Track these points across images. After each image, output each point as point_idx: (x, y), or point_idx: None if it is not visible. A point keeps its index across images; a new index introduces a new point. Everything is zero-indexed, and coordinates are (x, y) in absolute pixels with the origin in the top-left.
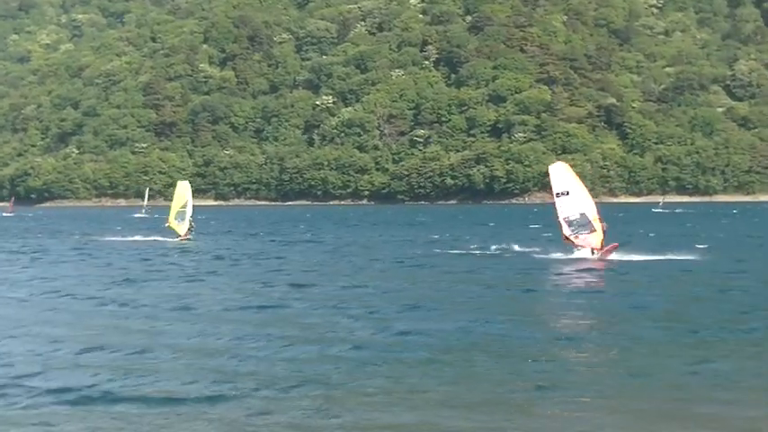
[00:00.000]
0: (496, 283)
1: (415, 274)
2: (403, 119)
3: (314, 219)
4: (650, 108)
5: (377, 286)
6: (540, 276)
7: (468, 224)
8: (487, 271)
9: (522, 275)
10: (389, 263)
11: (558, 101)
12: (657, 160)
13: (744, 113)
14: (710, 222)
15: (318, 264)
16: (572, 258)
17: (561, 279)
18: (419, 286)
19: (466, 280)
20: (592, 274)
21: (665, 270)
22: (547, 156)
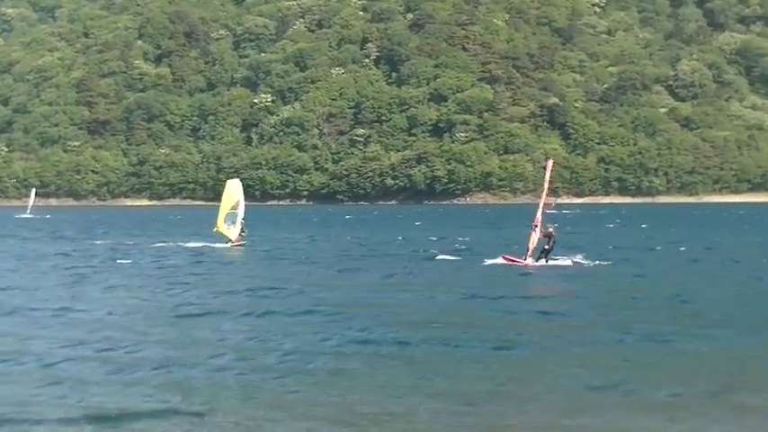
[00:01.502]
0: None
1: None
2: (343, 118)
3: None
4: (593, 108)
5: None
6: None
7: (399, 224)
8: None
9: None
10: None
11: (500, 100)
12: (600, 161)
13: (686, 114)
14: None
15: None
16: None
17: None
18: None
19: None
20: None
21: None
22: (489, 156)
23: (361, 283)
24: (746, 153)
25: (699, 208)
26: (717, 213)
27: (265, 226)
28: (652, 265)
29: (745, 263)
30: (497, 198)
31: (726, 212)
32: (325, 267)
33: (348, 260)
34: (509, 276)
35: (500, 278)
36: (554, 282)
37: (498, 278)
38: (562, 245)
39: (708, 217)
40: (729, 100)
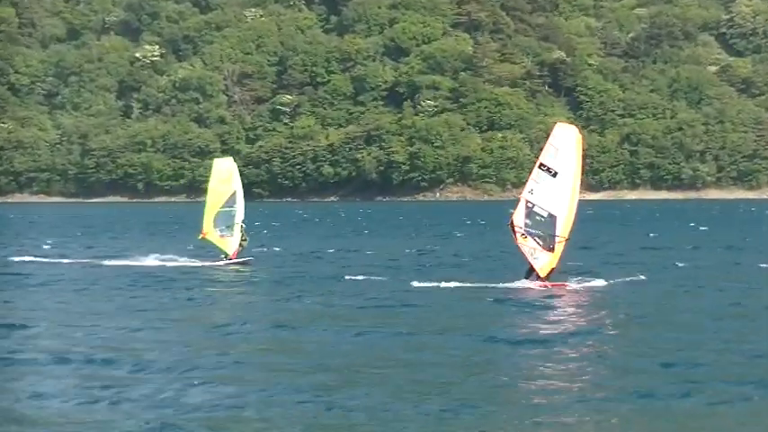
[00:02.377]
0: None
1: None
2: (261, 79)
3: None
4: (614, 66)
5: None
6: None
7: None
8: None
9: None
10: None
11: (483, 55)
12: (624, 140)
13: (745, 74)
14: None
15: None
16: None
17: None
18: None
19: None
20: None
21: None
22: (466, 133)
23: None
24: None
25: (763, 206)
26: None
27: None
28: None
29: None
30: (479, 192)
31: None
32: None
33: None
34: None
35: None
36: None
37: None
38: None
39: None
40: None
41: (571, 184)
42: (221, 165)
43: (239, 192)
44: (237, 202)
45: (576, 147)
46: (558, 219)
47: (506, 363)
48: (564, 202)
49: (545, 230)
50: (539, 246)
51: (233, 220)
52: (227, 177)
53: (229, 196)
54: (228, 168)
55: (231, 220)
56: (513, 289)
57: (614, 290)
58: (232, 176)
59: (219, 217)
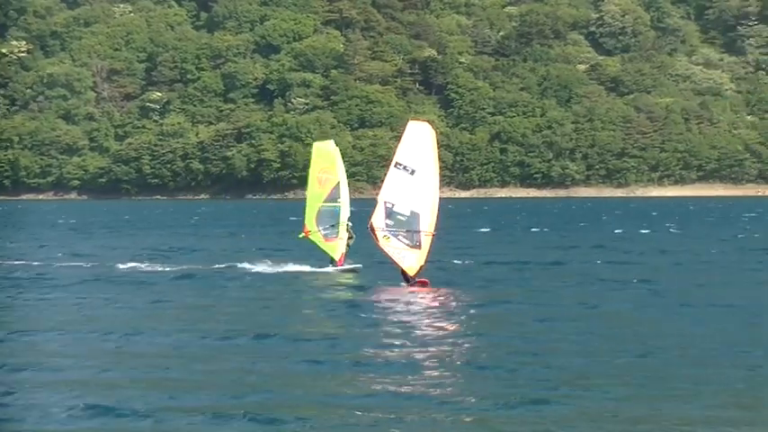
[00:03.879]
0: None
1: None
2: (130, 76)
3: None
4: (485, 64)
5: None
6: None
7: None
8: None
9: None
10: None
11: (354, 53)
12: (494, 138)
13: (614, 73)
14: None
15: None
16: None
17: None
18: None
19: None
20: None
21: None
22: (338, 131)
23: None
24: (696, 128)
25: (631, 204)
26: (666, 211)
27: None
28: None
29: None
30: (351, 190)
31: (671, 208)
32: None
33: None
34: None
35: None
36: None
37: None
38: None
39: (659, 218)
40: (674, 54)
41: (431, 180)
42: (323, 149)
43: (344, 183)
44: (342, 196)
45: (431, 142)
46: (422, 215)
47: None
48: (426, 198)
49: (409, 228)
50: (404, 245)
51: (338, 218)
52: (330, 165)
53: (332, 188)
54: (331, 153)
55: (336, 218)
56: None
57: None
58: (336, 164)
59: (322, 214)
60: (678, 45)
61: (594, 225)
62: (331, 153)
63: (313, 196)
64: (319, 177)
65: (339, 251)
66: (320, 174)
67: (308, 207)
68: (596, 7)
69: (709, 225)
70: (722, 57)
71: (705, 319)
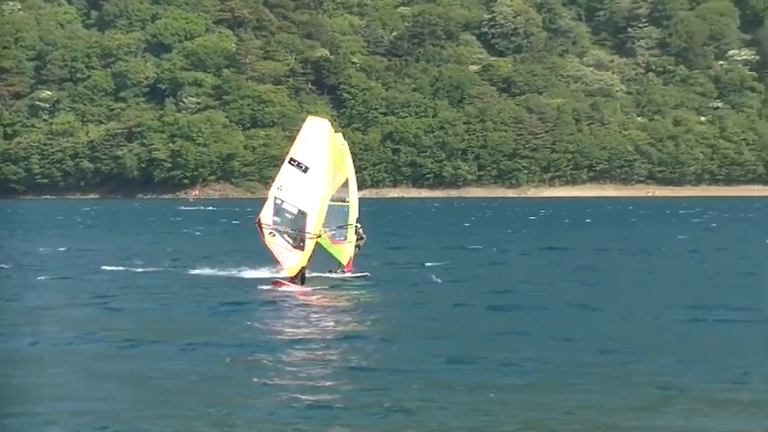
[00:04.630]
0: None
1: None
2: (19, 74)
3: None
4: (377, 64)
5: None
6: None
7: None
8: None
9: None
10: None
11: (246, 52)
12: (386, 138)
13: (506, 73)
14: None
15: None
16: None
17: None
18: None
19: None
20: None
21: None
22: (230, 131)
23: None
24: (587, 129)
25: (523, 205)
26: (557, 211)
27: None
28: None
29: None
30: (242, 190)
31: (566, 210)
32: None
33: None
34: None
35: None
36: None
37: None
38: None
39: (550, 220)
40: (565, 55)
41: (323, 180)
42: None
43: (353, 180)
44: (351, 194)
45: (327, 140)
46: (309, 216)
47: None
48: (315, 198)
49: (294, 228)
50: (288, 244)
51: (346, 218)
52: (339, 160)
53: (341, 186)
54: (339, 148)
55: (344, 218)
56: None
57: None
58: (344, 159)
59: (329, 214)
60: (569, 46)
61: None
62: (339, 148)
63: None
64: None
65: (347, 255)
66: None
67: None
68: (488, 8)
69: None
70: (613, 58)
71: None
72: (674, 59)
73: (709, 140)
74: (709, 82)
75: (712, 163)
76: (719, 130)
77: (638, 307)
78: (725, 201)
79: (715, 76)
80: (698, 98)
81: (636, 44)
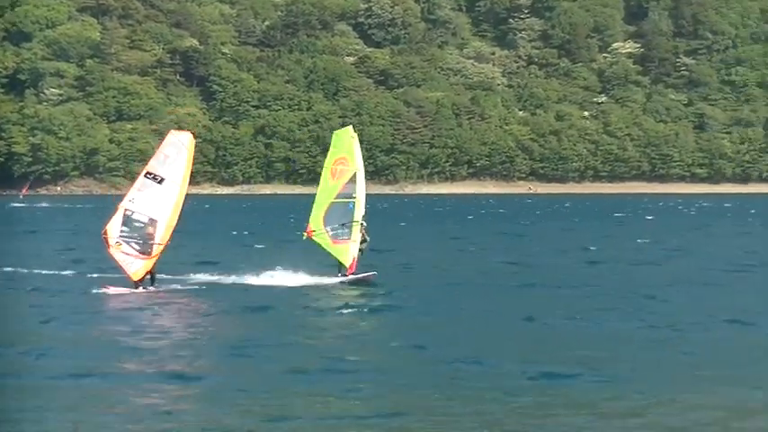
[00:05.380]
0: None
1: None
2: None
3: None
4: (249, 55)
5: None
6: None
7: None
8: None
9: None
10: None
11: (111, 42)
12: (259, 132)
13: (383, 65)
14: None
15: None
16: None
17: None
18: None
19: None
20: None
21: None
22: (94, 124)
23: None
24: (467, 123)
25: (401, 202)
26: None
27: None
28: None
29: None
30: (107, 186)
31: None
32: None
33: None
34: None
35: None
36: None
37: None
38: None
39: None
40: (445, 47)
41: (178, 191)
42: (341, 136)
43: (361, 176)
44: (358, 191)
45: (188, 153)
46: (159, 223)
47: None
48: (167, 207)
49: (143, 235)
50: (135, 251)
51: (351, 216)
52: (348, 154)
53: (347, 181)
54: (349, 141)
55: (349, 215)
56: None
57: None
58: (353, 153)
59: (332, 211)
60: (449, 38)
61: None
62: (348, 141)
63: (324, 191)
64: (333, 169)
65: (350, 256)
66: (335, 165)
67: (316, 203)
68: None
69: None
70: (494, 50)
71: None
72: (557, 52)
73: (592, 136)
74: (592, 75)
75: (596, 159)
76: (603, 125)
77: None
78: (609, 198)
79: (599, 69)
80: (581, 92)
81: (517, 36)
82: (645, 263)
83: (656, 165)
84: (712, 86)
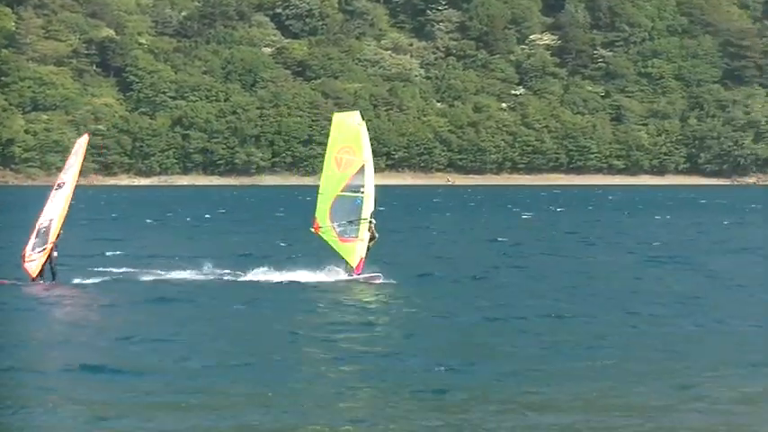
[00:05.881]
0: None
1: None
2: None
3: None
4: (165, 46)
5: None
6: None
7: None
8: None
9: None
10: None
11: (26, 32)
12: (176, 123)
13: (301, 56)
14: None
15: None
16: None
17: None
18: None
19: None
20: None
21: None
22: (9, 114)
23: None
24: (385, 115)
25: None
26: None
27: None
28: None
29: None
30: (23, 177)
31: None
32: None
33: None
34: None
35: None
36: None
37: None
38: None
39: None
40: (362, 38)
41: (68, 190)
42: (345, 123)
43: (369, 168)
44: (367, 185)
45: (82, 150)
46: (53, 221)
47: None
48: (59, 207)
49: (44, 236)
50: (38, 253)
51: (359, 212)
52: (354, 143)
53: (355, 173)
54: (355, 129)
55: (356, 212)
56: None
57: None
58: (361, 142)
59: (338, 205)
60: (367, 29)
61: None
62: (355, 128)
63: (329, 181)
64: (338, 158)
65: (357, 255)
66: (339, 154)
67: (321, 194)
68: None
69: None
70: (411, 41)
71: None
72: (475, 44)
73: (510, 128)
74: (510, 67)
75: (513, 151)
76: (521, 116)
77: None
78: (526, 189)
79: (516, 61)
80: (499, 84)
81: (435, 28)
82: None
83: (573, 156)
84: (629, 78)
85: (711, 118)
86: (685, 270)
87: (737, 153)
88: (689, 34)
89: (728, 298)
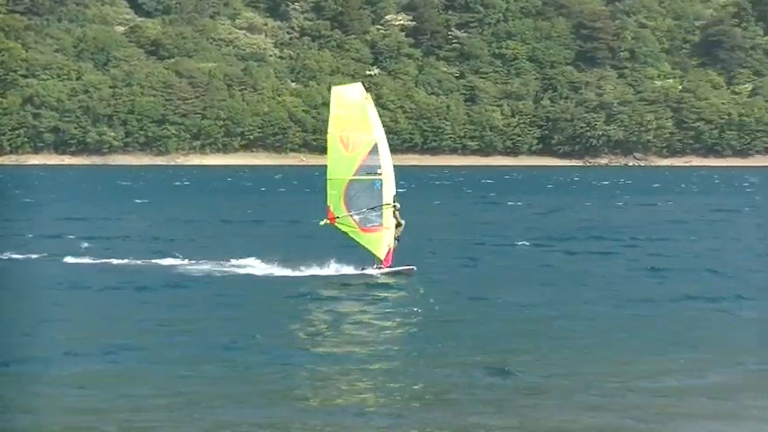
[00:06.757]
0: None
1: None
2: None
3: None
4: (17, 23)
5: None
6: None
7: None
8: None
9: None
10: None
11: None
12: (27, 102)
13: (154, 35)
14: None
15: None
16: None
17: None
18: None
19: None
20: None
21: None
22: None
23: None
24: (239, 95)
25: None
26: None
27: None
28: None
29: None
30: None
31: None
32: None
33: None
34: None
35: None
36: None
37: None
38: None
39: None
40: (216, 17)
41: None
42: (344, 96)
43: (384, 146)
44: (384, 166)
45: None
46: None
47: None
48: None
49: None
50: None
51: (379, 197)
52: (360, 119)
53: (367, 154)
54: (359, 103)
55: (377, 197)
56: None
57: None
58: (368, 118)
59: (354, 190)
60: (221, 8)
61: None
62: (359, 103)
63: (338, 164)
64: (344, 137)
65: (384, 245)
66: (344, 132)
67: (330, 180)
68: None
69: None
70: (266, 21)
71: None
72: (330, 24)
73: None
74: (365, 47)
75: None
76: (376, 97)
77: None
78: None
79: (371, 41)
80: (353, 64)
81: (290, 7)
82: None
83: (427, 137)
84: (483, 59)
85: (564, 99)
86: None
87: (590, 134)
88: (542, 16)
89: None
